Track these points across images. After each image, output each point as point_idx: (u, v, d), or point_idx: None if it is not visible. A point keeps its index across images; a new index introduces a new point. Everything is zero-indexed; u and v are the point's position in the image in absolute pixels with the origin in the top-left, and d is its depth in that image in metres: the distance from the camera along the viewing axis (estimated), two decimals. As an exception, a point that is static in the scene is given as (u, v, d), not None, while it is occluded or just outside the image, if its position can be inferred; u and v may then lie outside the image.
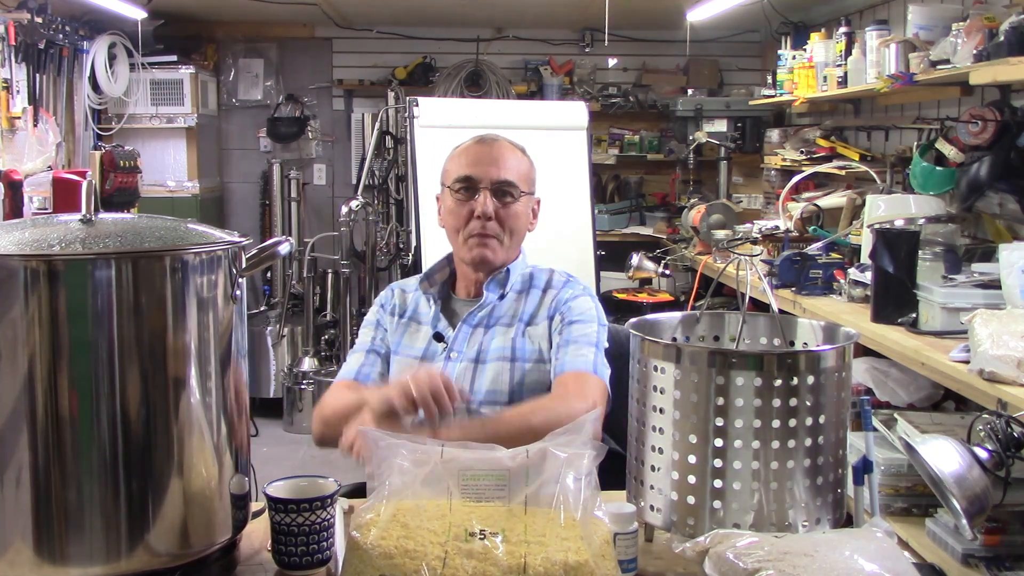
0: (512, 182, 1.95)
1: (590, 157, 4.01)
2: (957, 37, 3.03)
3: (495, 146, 1.99)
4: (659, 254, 4.75)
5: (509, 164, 1.96)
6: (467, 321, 1.96)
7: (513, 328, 1.94)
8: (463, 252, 1.96)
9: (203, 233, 1.41)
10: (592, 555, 1.25)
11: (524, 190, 1.97)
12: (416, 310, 2.03)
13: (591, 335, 1.89)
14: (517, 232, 1.98)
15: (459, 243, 1.97)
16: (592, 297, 1.98)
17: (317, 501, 1.39)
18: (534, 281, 2.01)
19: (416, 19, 5.83)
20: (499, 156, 1.96)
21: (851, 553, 1.24)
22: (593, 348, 1.87)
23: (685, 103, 5.56)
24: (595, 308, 1.95)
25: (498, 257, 1.95)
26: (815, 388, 1.35)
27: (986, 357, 2.14)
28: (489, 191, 1.93)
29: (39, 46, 4.68)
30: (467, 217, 1.94)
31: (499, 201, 1.94)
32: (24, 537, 1.25)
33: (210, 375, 1.35)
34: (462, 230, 1.95)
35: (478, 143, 2.00)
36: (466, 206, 1.94)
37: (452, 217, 1.96)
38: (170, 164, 5.69)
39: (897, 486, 2.63)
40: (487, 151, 1.97)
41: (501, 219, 1.94)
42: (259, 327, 5.66)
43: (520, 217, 1.98)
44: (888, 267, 2.85)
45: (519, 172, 1.97)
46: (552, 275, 2.02)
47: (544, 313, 1.95)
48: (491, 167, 1.94)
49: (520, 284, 2.00)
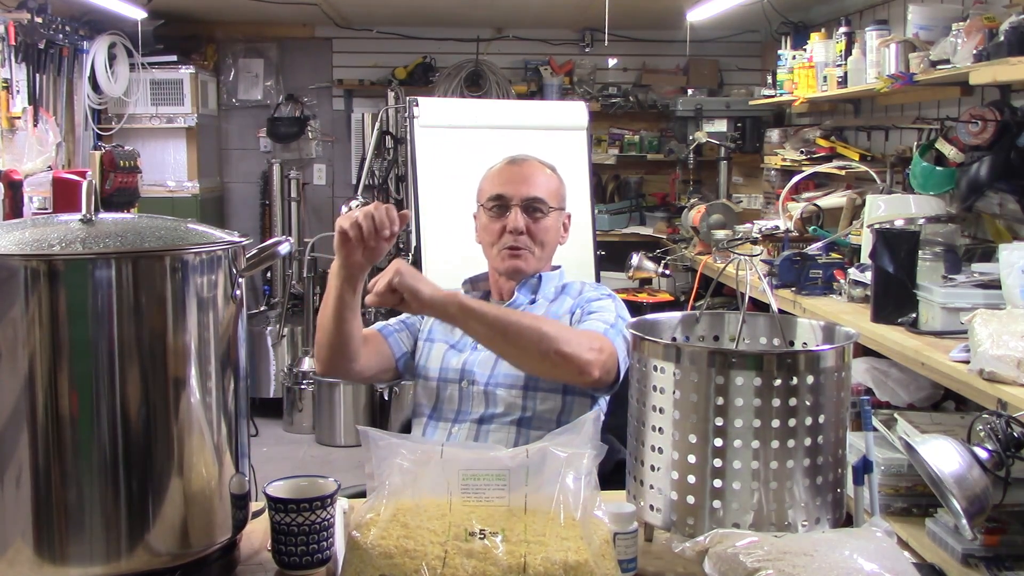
0: (542, 198, 2.07)
1: (590, 157, 4.00)
2: (957, 37, 3.03)
3: (525, 165, 2.12)
4: (659, 254, 4.75)
5: (539, 182, 2.09)
6: None
7: None
8: (497, 263, 2.09)
9: (203, 233, 1.41)
10: (592, 555, 1.25)
11: (553, 206, 2.09)
12: None
13: (609, 319, 1.95)
14: (548, 244, 2.10)
15: (493, 255, 2.09)
16: (615, 299, 2.05)
17: (317, 501, 1.39)
18: (567, 290, 2.12)
19: (416, 19, 5.83)
20: (529, 175, 2.09)
21: (851, 553, 1.25)
22: (607, 324, 1.92)
23: (685, 103, 5.56)
24: (615, 307, 2.01)
25: (530, 266, 2.07)
26: (815, 388, 1.36)
27: (986, 357, 2.14)
28: (520, 208, 2.05)
29: (39, 46, 4.68)
30: (500, 232, 2.06)
31: (530, 217, 2.06)
32: (24, 537, 1.25)
33: (210, 375, 1.35)
34: (496, 243, 2.07)
35: (510, 163, 2.13)
36: (499, 222, 2.07)
37: (486, 233, 2.10)
38: (170, 164, 5.69)
39: (897, 486, 2.63)
40: (518, 170, 2.10)
41: (532, 233, 2.06)
42: (259, 327, 5.66)
43: (550, 230, 2.09)
44: (888, 267, 2.85)
45: (548, 189, 2.09)
46: (584, 285, 2.13)
47: (568, 311, 2.04)
48: (521, 185, 2.07)
49: (553, 294, 2.11)
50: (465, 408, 2.00)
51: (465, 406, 2.00)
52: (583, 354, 1.77)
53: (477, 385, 1.98)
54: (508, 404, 1.96)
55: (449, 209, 3.54)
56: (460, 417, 2.00)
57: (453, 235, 3.38)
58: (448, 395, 2.01)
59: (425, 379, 2.05)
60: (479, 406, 1.98)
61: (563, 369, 1.79)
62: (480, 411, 1.98)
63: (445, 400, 2.02)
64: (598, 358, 1.79)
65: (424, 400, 2.05)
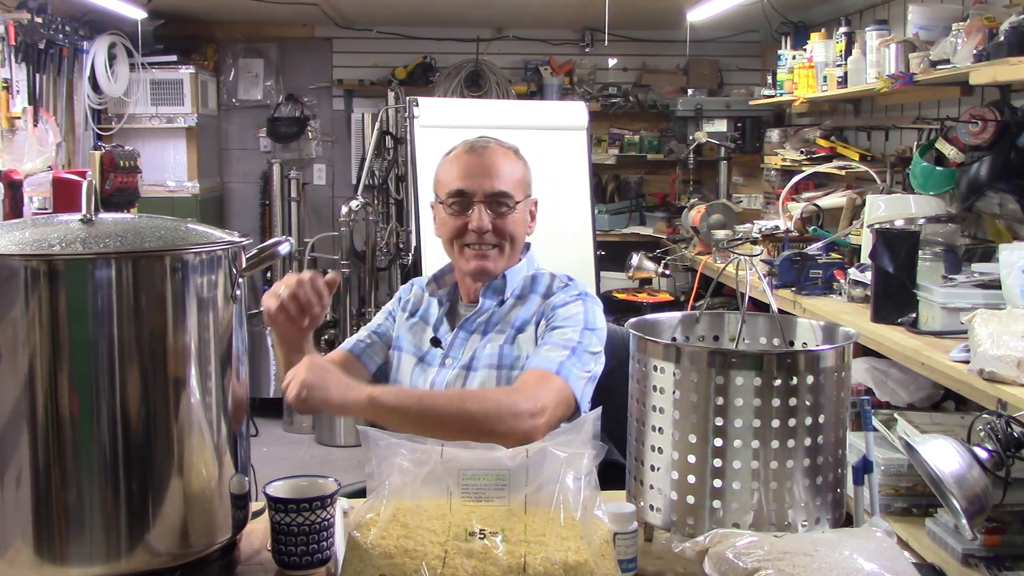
0: (506, 192, 1.90)
1: (590, 157, 4.01)
2: (957, 37, 3.03)
3: (486, 154, 1.92)
4: (659, 254, 4.75)
5: (503, 173, 1.90)
6: (464, 327, 1.95)
7: (504, 335, 1.91)
8: (461, 263, 1.94)
9: (203, 233, 1.41)
10: (592, 555, 1.25)
11: (519, 198, 1.92)
12: (427, 311, 2.03)
13: (570, 339, 1.82)
14: (516, 238, 1.94)
15: (456, 254, 1.94)
16: (585, 301, 1.91)
17: (317, 501, 1.39)
18: (535, 285, 1.97)
19: (416, 19, 5.83)
20: (491, 165, 1.90)
21: (851, 553, 1.25)
22: (567, 351, 1.80)
23: (685, 103, 5.56)
24: (584, 313, 1.88)
25: (498, 267, 1.92)
26: (815, 388, 1.36)
27: (986, 357, 2.14)
28: (483, 204, 1.88)
29: (39, 46, 4.68)
30: (461, 230, 1.90)
31: (494, 212, 1.89)
32: (24, 537, 1.25)
33: (210, 375, 1.35)
34: (457, 241, 1.92)
35: (469, 152, 1.93)
36: (460, 219, 1.90)
37: (447, 229, 1.93)
38: (170, 164, 5.68)
39: (897, 486, 2.63)
40: (478, 161, 1.91)
41: (498, 230, 1.90)
42: (259, 327, 5.66)
43: (518, 224, 1.93)
44: (888, 267, 2.85)
45: (513, 179, 1.92)
46: (553, 280, 1.97)
47: (534, 319, 1.92)
48: (484, 179, 1.89)
49: (520, 289, 1.96)
50: None
51: None
52: (518, 427, 1.63)
53: None
54: None
55: (449, 209, 3.53)
56: None
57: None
58: None
59: None
60: None
61: (503, 444, 1.55)
62: None
63: None
64: (536, 423, 1.65)
65: None
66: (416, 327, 2.02)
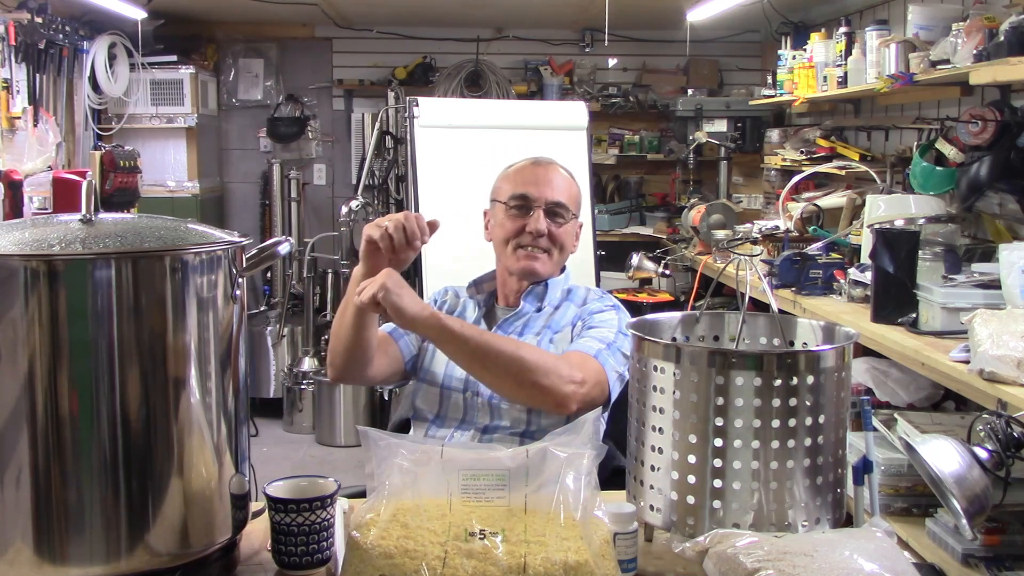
0: (564, 204, 2.04)
1: (590, 157, 4.01)
2: (957, 37, 3.03)
3: (550, 168, 2.08)
4: (659, 254, 4.75)
5: (562, 187, 2.05)
6: (502, 327, 2.04)
7: (540, 336, 2.01)
8: (511, 262, 2.04)
9: (203, 233, 1.40)
10: (592, 555, 1.25)
11: (573, 211, 2.07)
12: (464, 313, 2.11)
13: (606, 336, 1.93)
14: (565, 248, 2.06)
15: (508, 253, 2.04)
16: (619, 311, 2.03)
17: (317, 501, 1.39)
18: (571, 296, 2.09)
19: (416, 19, 5.83)
20: (553, 178, 2.05)
21: (851, 553, 1.25)
22: (603, 344, 1.90)
23: (685, 103, 5.56)
24: (618, 320, 1.98)
25: (545, 269, 2.04)
26: (815, 388, 1.35)
27: (986, 357, 2.14)
28: (543, 210, 2.01)
29: (39, 46, 4.68)
30: (518, 231, 2.02)
31: (551, 220, 2.02)
32: (24, 537, 1.25)
33: (210, 375, 1.35)
34: (512, 240, 2.02)
35: (534, 164, 2.09)
36: (519, 221, 2.02)
37: (502, 230, 2.04)
38: (170, 164, 5.69)
39: (897, 486, 2.63)
40: (543, 172, 2.07)
41: (552, 236, 2.02)
42: (259, 327, 5.66)
43: (569, 235, 2.06)
44: (888, 267, 2.85)
45: (570, 195, 2.07)
46: (589, 292, 2.10)
47: (570, 322, 2.03)
48: (546, 188, 2.03)
49: (559, 299, 2.08)
50: (470, 417, 1.98)
51: (470, 415, 1.98)
52: (561, 387, 1.75)
53: (481, 397, 1.96)
54: (513, 418, 1.95)
55: (449, 209, 3.53)
56: (464, 425, 1.99)
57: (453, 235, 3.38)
58: (453, 403, 2.00)
59: (429, 384, 2.03)
60: (484, 417, 1.97)
61: (540, 400, 1.79)
62: (485, 421, 1.97)
63: (450, 407, 2.00)
64: (577, 391, 1.77)
65: (426, 405, 2.03)
66: None
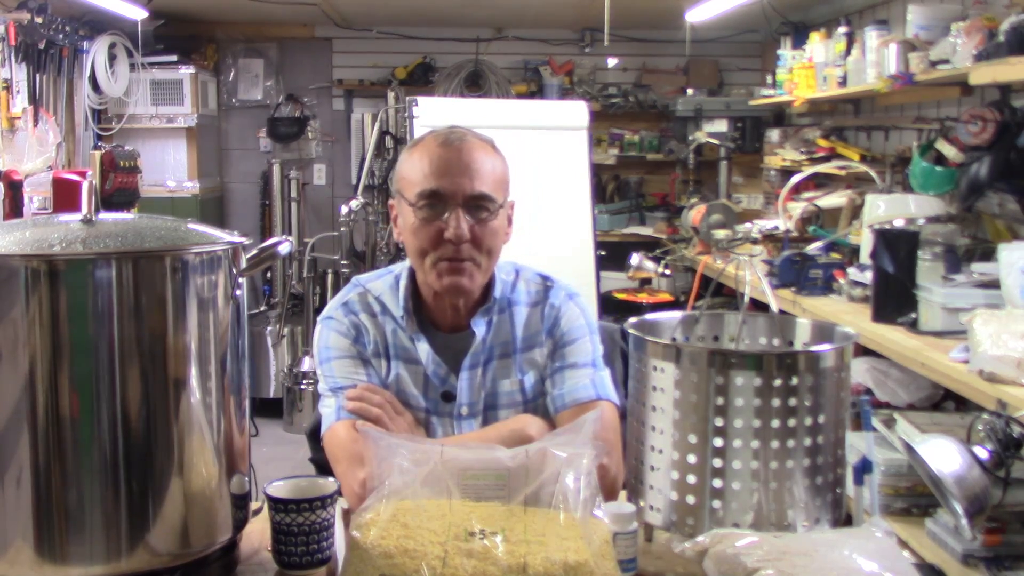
0: (488, 195, 1.62)
1: (590, 157, 4.01)
2: (957, 37, 3.03)
3: (464, 149, 1.62)
4: (659, 254, 4.75)
5: (483, 171, 1.62)
6: (464, 367, 1.70)
7: (511, 361, 1.71)
8: (432, 279, 1.63)
9: (203, 233, 1.41)
10: (592, 555, 1.25)
11: (501, 201, 1.64)
12: (402, 345, 1.71)
13: (586, 352, 1.71)
14: (495, 250, 1.66)
15: (426, 267, 1.63)
16: (575, 300, 1.76)
17: (317, 501, 1.39)
18: (515, 295, 1.74)
19: (416, 19, 5.83)
20: (470, 162, 1.61)
21: (850, 553, 1.25)
22: (590, 368, 1.70)
23: (685, 103, 5.56)
24: (583, 314, 1.74)
25: (475, 283, 1.64)
26: (814, 388, 1.36)
27: (986, 357, 2.14)
28: (462, 208, 1.60)
29: (39, 46, 4.68)
30: (435, 239, 1.60)
31: (474, 218, 1.61)
32: (24, 537, 1.25)
33: (210, 375, 1.35)
34: (430, 253, 1.62)
35: (443, 146, 1.63)
36: (433, 225, 1.60)
37: (415, 238, 1.63)
38: (170, 164, 5.69)
39: (897, 486, 2.63)
40: (456, 157, 1.61)
41: (477, 239, 1.61)
42: (259, 327, 5.66)
43: (497, 234, 1.65)
44: (888, 267, 2.85)
45: (494, 179, 1.64)
46: (529, 285, 1.75)
47: (537, 333, 1.73)
48: (463, 178, 1.60)
49: (499, 301, 1.73)
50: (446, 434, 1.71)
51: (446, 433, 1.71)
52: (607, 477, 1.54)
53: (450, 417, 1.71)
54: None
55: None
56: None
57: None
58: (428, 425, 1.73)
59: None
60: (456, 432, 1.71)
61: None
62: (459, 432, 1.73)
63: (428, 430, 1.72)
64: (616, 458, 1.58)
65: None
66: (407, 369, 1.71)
